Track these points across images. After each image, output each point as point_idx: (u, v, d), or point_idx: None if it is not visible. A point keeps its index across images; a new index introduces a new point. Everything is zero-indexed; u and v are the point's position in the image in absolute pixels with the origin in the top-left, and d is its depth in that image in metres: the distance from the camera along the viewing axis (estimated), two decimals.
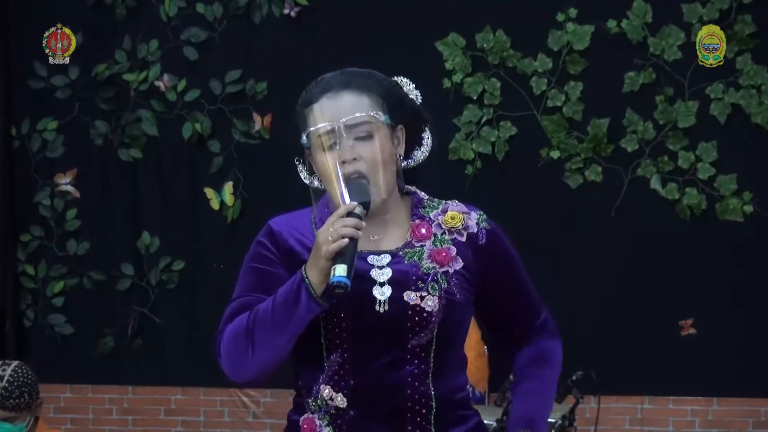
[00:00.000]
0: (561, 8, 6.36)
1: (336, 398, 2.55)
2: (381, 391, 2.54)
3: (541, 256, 6.09)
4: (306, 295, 2.45)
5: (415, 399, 2.55)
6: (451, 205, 2.69)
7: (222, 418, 6.72)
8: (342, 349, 2.54)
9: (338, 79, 2.62)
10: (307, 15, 6.55)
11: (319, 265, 2.44)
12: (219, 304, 7.66)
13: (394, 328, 2.54)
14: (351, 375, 2.54)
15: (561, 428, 5.33)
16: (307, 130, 2.59)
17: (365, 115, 2.58)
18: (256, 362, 2.51)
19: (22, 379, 3.79)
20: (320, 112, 2.58)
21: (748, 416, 6.39)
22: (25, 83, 6.76)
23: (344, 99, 2.59)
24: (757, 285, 6.32)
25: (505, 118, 6.45)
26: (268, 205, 6.45)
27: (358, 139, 2.56)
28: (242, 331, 2.51)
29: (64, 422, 6.79)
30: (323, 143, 2.56)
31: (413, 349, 2.55)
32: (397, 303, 2.53)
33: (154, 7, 6.67)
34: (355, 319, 2.53)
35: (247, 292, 2.61)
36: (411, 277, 2.56)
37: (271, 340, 2.48)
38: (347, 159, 2.54)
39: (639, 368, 6.39)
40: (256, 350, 2.49)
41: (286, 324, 2.47)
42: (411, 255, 2.59)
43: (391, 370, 2.54)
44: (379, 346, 2.54)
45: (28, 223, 6.83)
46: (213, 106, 6.66)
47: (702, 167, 6.33)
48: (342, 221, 2.43)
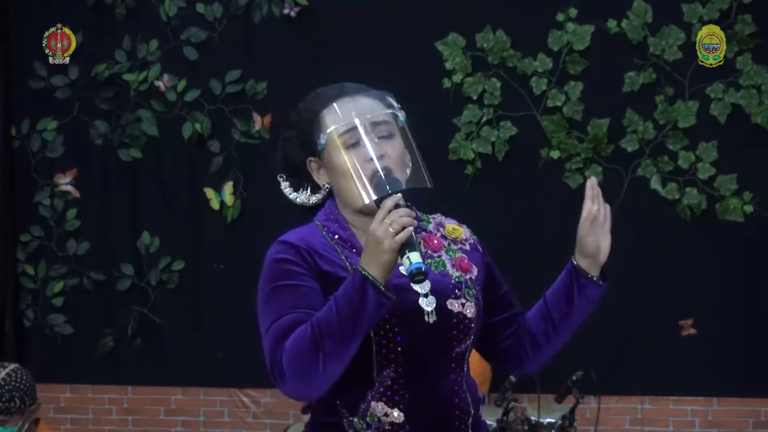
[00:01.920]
0: (561, 8, 6.36)
1: (391, 414, 2.54)
2: (434, 401, 2.56)
3: (541, 256, 6.08)
4: (373, 290, 2.40)
5: (461, 406, 2.59)
6: (441, 219, 2.72)
7: (222, 418, 6.72)
8: (396, 363, 2.53)
9: (348, 86, 2.65)
10: (307, 15, 6.55)
11: (381, 260, 2.40)
12: (219, 304, 7.65)
13: (441, 338, 2.56)
14: (405, 389, 2.54)
15: (561, 428, 5.33)
16: (328, 129, 2.58)
17: (389, 112, 2.60)
18: (327, 374, 2.44)
19: (15, 384, 3.76)
20: (342, 110, 2.58)
21: (748, 416, 6.39)
22: (25, 83, 6.76)
23: (362, 101, 2.61)
24: (757, 285, 6.32)
25: (505, 118, 6.45)
26: (268, 205, 6.47)
27: (381, 138, 2.57)
28: (308, 345, 2.42)
29: (64, 422, 6.79)
30: (345, 141, 2.56)
31: (456, 357, 2.58)
32: (442, 312, 2.55)
33: (154, 7, 6.67)
34: (407, 332, 2.52)
35: (290, 312, 2.48)
36: (448, 286, 2.58)
37: (343, 348, 2.42)
38: (375, 156, 2.53)
39: (639, 368, 6.39)
40: (327, 361, 2.42)
41: (356, 327, 2.41)
42: (436, 265, 2.61)
43: (440, 379, 2.56)
44: (429, 357, 2.55)
45: (28, 223, 6.83)
46: (213, 106, 6.65)
47: (702, 167, 6.33)
48: (396, 212, 2.43)
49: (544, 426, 5.37)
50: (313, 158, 2.64)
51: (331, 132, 2.57)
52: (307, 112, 2.63)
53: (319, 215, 2.65)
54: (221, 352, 6.59)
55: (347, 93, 2.61)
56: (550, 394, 5.48)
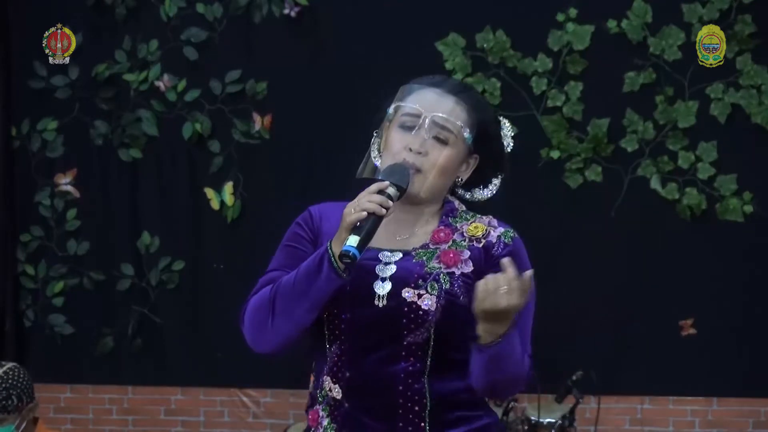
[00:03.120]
0: (561, 8, 6.35)
1: (333, 390, 2.60)
2: (374, 385, 2.58)
3: (541, 256, 6.07)
4: (327, 265, 2.51)
5: (408, 396, 2.58)
6: (482, 219, 2.74)
7: (222, 418, 6.72)
8: (340, 340, 2.59)
9: (452, 82, 2.72)
10: (307, 15, 6.55)
11: (341, 237, 2.50)
12: (219, 304, 7.66)
13: (390, 324, 2.57)
14: (347, 367, 2.59)
15: (561, 428, 5.33)
16: (399, 103, 2.66)
17: (455, 123, 2.64)
18: (275, 331, 2.58)
19: (12, 382, 3.74)
20: (421, 96, 2.65)
21: (748, 416, 6.39)
22: (25, 83, 6.76)
23: (446, 99, 2.66)
24: (757, 285, 6.32)
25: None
26: (268, 205, 6.49)
27: (435, 138, 2.63)
28: (265, 300, 2.60)
29: (64, 422, 6.79)
30: (404, 122, 2.63)
31: (408, 346, 2.58)
32: (395, 299, 2.57)
33: (154, 7, 6.67)
34: (354, 312, 2.58)
35: (277, 269, 2.67)
36: (413, 275, 2.59)
37: (290, 310, 2.55)
38: (415, 148, 2.60)
39: (639, 368, 6.39)
40: (275, 319, 2.57)
41: (305, 294, 2.53)
42: (421, 255, 2.63)
43: (385, 365, 2.58)
44: (375, 341, 2.58)
45: (28, 223, 6.83)
46: (213, 106, 6.65)
47: (702, 167, 6.33)
48: (369, 196, 2.51)
49: (544, 426, 5.38)
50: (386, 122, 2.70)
51: (397, 106, 2.66)
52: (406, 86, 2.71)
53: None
54: (221, 352, 6.59)
55: (443, 86, 2.68)
56: (550, 394, 5.48)
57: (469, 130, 2.67)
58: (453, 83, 2.71)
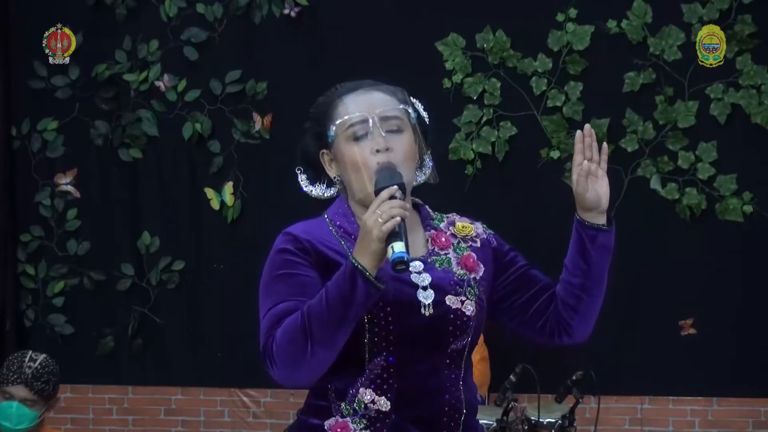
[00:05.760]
0: (561, 8, 6.36)
1: (379, 401, 2.56)
2: (423, 395, 2.57)
3: (541, 257, 6.07)
4: (362, 279, 2.43)
5: (452, 404, 2.59)
6: (454, 217, 2.74)
7: (222, 418, 6.72)
8: (387, 352, 2.55)
9: (364, 82, 2.69)
10: (307, 15, 6.55)
11: (370, 249, 2.44)
12: (219, 304, 7.64)
13: (436, 332, 2.57)
14: (395, 378, 2.56)
15: (561, 428, 5.32)
16: (338, 120, 2.62)
17: (400, 108, 2.64)
18: (316, 362, 2.48)
19: (51, 368, 3.97)
20: (353, 103, 2.62)
21: (748, 416, 6.39)
22: (25, 83, 6.76)
23: (376, 95, 2.65)
24: (757, 285, 6.32)
25: (505, 118, 6.45)
26: (268, 205, 6.49)
27: (389, 132, 2.61)
28: (298, 332, 2.46)
29: (64, 422, 6.79)
30: (354, 133, 2.60)
31: (451, 353, 2.59)
32: (440, 307, 2.57)
33: (154, 7, 6.67)
34: (401, 322, 2.54)
35: (285, 300, 2.53)
36: (449, 282, 2.61)
37: (331, 336, 2.46)
38: (381, 148, 2.59)
39: (639, 368, 6.39)
40: (315, 348, 2.46)
41: (345, 316, 2.45)
42: (440, 262, 2.64)
43: (432, 374, 2.58)
44: (422, 350, 2.57)
45: (28, 223, 6.83)
46: (213, 106, 6.66)
47: (702, 167, 6.33)
48: (389, 203, 2.46)
49: (544, 426, 5.37)
50: (325, 150, 2.66)
51: (340, 123, 2.62)
52: (322, 105, 2.67)
53: (329, 209, 2.68)
54: (221, 352, 6.59)
55: (362, 87, 2.66)
56: (550, 394, 5.48)
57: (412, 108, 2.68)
58: (367, 82, 2.70)
